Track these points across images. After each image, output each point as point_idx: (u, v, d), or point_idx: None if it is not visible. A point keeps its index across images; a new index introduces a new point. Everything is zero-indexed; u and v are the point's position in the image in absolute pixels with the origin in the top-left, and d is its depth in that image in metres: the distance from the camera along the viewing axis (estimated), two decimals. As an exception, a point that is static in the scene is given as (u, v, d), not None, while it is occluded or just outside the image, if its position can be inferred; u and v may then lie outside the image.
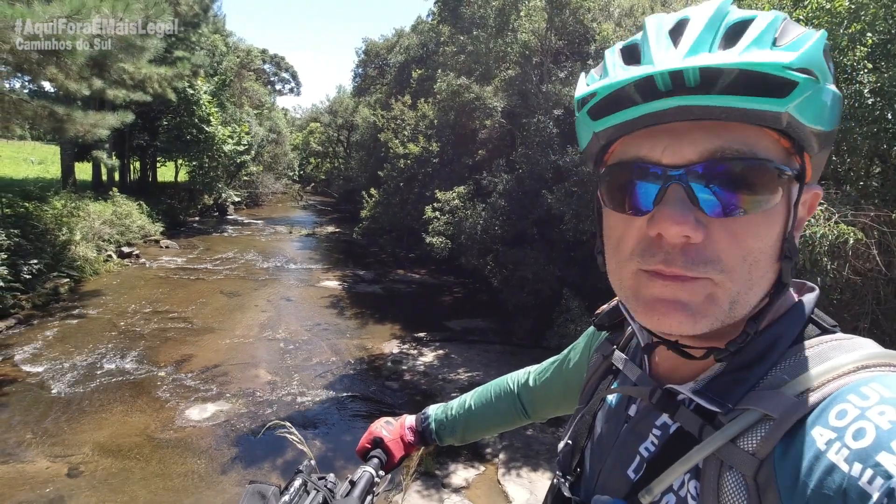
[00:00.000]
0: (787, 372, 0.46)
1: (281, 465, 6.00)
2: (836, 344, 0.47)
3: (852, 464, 0.37)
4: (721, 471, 0.45)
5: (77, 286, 11.43)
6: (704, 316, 0.44)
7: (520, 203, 10.46)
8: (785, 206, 0.45)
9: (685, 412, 0.50)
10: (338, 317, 11.22)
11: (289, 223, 22.89)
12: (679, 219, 0.43)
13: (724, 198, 0.43)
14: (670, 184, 0.44)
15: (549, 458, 6.28)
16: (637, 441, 0.57)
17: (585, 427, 0.66)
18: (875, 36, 4.30)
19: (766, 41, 0.42)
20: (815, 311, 0.52)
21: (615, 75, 0.46)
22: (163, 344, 8.98)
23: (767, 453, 0.43)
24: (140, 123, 18.50)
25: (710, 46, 0.43)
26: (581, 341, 0.86)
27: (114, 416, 6.73)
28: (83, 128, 9.44)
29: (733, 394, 0.48)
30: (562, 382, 0.90)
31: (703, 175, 0.43)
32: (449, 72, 13.57)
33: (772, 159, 0.43)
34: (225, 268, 14.31)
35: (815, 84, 0.42)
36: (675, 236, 0.43)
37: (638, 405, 0.60)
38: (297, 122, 45.64)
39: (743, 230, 0.44)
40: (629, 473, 0.56)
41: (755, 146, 0.43)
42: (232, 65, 24.00)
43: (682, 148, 0.44)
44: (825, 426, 0.40)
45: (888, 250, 3.57)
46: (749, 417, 0.45)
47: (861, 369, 0.43)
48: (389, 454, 0.98)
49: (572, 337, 4.85)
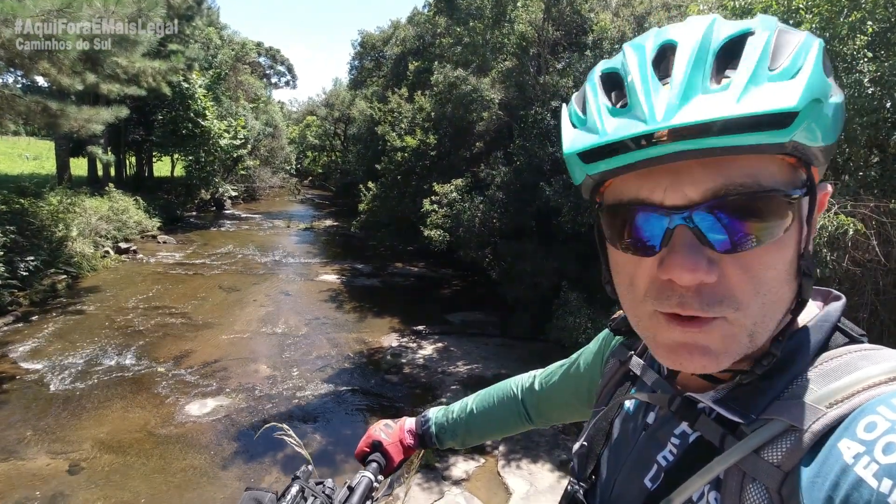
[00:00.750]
0: (813, 382, 0.45)
1: (282, 460, 6.02)
2: (864, 354, 0.45)
3: (881, 479, 0.35)
4: (743, 483, 0.44)
5: (75, 283, 11.41)
6: (726, 354, 0.44)
7: (518, 195, 10.43)
8: (797, 225, 0.43)
9: (706, 421, 0.49)
10: (336, 310, 11.23)
11: (286, 217, 22.83)
12: (691, 265, 0.41)
13: (733, 234, 0.41)
14: (676, 226, 0.42)
15: (548, 449, 6.31)
16: (655, 449, 0.55)
17: (602, 433, 0.65)
18: (875, 24, 4.26)
19: (761, 73, 0.40)
20: (843, 319, 0.50)
21: (606, 127, 0.43)
22: (162, 340, 8.98)
23: (793, 466, 0.41)
24: (135, 118, 18.39)
25: (702, 84, 0.40)
26: (592, 346, 0.84)
27: (114, 412, 6.74)
28: (77, 123, 9.36)
29: (756, 404, 0.46)
30: (571, 387, 0.87)
31: (710, 214, 0.41)
32: (446, 64, 13.47)
33: (779, 187, 0.41)
34: (223, 263, 14.28)
35: (818, 106, 0.40)
36: (689, 282, 0.42)
37: (656, 412, 0.59)
38: (294, 115, 45.35)
39: (755, 262, 0.42)
40: (646, 482, 0.55)
41: (759, 176, 0.41)
42: (227, 58, 23.79)
43: (683, 188, 0.42)
44: (853, 439, 0.39)
45: (887, 241, 3.56)
46: (774, 428, 0.44)
47: (892, 381, 0.41)
48: (388, 458, 0.97)
49: (571, 330, 4.89)
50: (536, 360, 8.78)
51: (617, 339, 0.74)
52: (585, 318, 7.51)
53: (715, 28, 0.43)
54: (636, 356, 0.66)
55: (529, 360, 8.77)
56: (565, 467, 6.01)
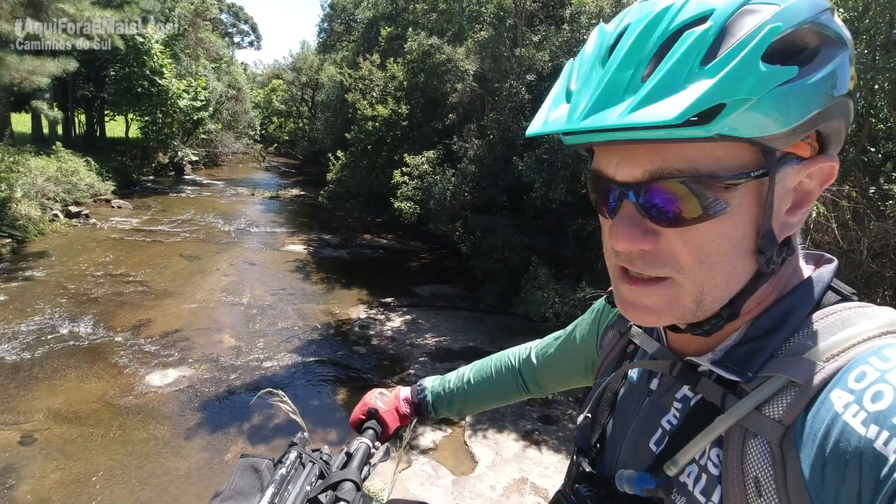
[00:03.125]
0: (809, 338, 0.46)
1: (248, 431, 5.97)
2: (859, 311, 0.47)
3: (868, 426, 0.37)
4: (745, 439, 0.45)
5: (20, 247, 10.76)
6: (668, 315, 0.48)
7: (490, 169, 10.40)
8: (752, 205, 0.44)
9: (707, 383, 0.51)
10: (303, 281, 11.05)
11: (251, 185, 22.05)
12: (626, 236, 0.45)
13: (667, 212, 0.44)
14: (623, 199, 0.46)
15: (514, 420, 6.50)
16: (659, 414, 0.57)
17: (607, 403, 0.66)
18: (845, 12, 4.37)
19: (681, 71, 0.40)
20: (835, 280, 0.52)
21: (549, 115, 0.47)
22: (118, 308, 8.62)
23: (793, 419, 0.43)
24: (85, 73, 17.20)
25: (629, 83, 0.42)
26: (587, 316, 0.85)
27: (68, 382, 6.47)
28: (19, 74, 8.66)
29: (753, 362, 0.47)
30: (567, 358, 0.89)
31: (647, 193, 0.44)
32: (420, 31, 13.09)
33: (718, 173, 0.42)
34: (183, 230, 13.75)
35: (747, 101, 0.39)
36: (625, 250, 0.46)
37: (659, 379, 0.60)
38: (259, 78, 43.38)
39: (695, 236, 0.44)
40: (651, 446, 0.56)
41: (696, 161, 0.42)
42: (185, 12, 22.32)
43: (629, 166, 0.45)
44: (844, 388, 0.40)
45: (844, 224, 3.75)
46: (774, 384, 0.45)
47: (886, 334, 0.43)
48: (384, 425, 0.96)
49: (540, 303, 4.99)
50: (504, 333, 8.94)
51: (615, 311, 0.75)
52: (553, 293, 7.65)
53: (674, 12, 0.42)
54: (635, 326, 0.67)
55: (497, 333, 8.93)
56: (530, 437, 6.21)
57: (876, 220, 3.82)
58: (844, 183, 4.16)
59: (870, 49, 4.16)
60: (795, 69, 0.41)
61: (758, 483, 0.44)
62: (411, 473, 5.43)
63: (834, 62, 0.43)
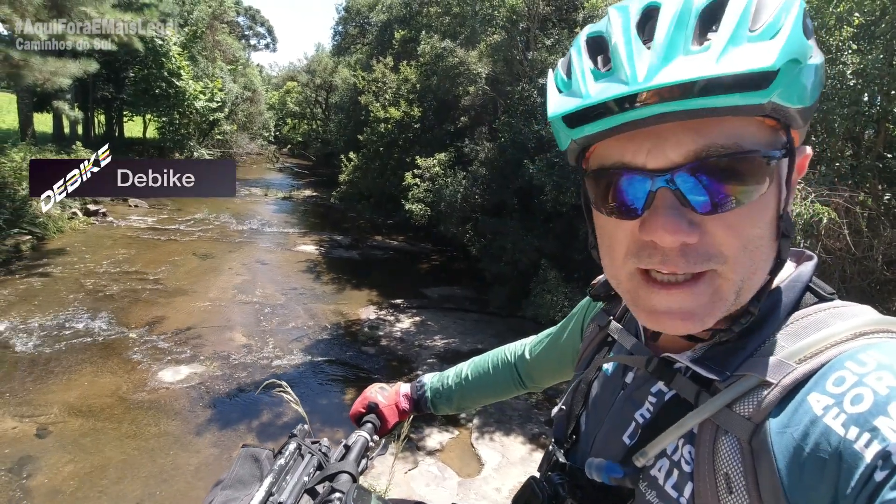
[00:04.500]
0: (784, 339, 0.47)
1: (257, 428, 6.03)
2: (834, 311, 0.47)
3: (849, 427, 0.37)
4: (717, 435, 0.46)
5: (40, 244, 10.99)
6: (710, 315, 0.45)
7: (501, 172, 10.40)
8: (776, 187, 0.45)
9: (681, 379, 0.51)
10: (314, 281, 11.14)
11: (264, 185, 22.28)
12: (672, 227, 0.42)
13: (714, 195, 0.42)
14: (658, 188, 0.43)
15: (521, 423, 6.48)
16: (633, 408, 0.57)
17: (581, 395, 0.67)
18: (862, 17, 4.31)
19: (741, 34, 0.40)
20: (814, 279, 0.52)
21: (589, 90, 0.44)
22: (133, 305, 8.77)
23: (763, 418, 0.43)
24: (105, 74, 17.55)
25: (683, 46, 0.41)
26: (576, 311, 0.86)
27: (83, 376, 6.60)
28: (42, 75, 8.87)
29: (731, 362, 0.48)
30: (556, 353, 0.90)
31: (691, 176, 0.42)
32: (433, 34, 13.15)
33: (758, 148, 0.42)
34: (197, 229, 13.94)
35: (797, 66, 0.41)
36: (671, 244, 0.43)
37: (634, 373, 0.60)
38: (273, 80, 43.85)
39: (739, 221, 0.43)
40: (624, 439, 0.57)
41: (740, 138, 0.42)
42: (203, 15, 22.66)
43: (665, 150, 0.43)
44: (822, 392, 0.41)
45: (858, 231, 3.70)
46: (746, 383, 0.45)
47: (859, 336, 0.43)
48: (383, 420, 0.98)
49: (549, 307, 4.98)
50: (512, 335, 8.83)
51: (597, 305, 0.76)
52: (562, 297, 7.64)
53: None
54: (615, 321, 0.68)
55: (506, 336, 8.88)
56: (537, 440, 6.19)
57: (891, 227, 3.76)
58: (859, 189, 4.10)
59: (886, 54, 4.10)
60: (812, 47, 0.42)
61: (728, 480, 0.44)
62: (417, 474, 5.44)
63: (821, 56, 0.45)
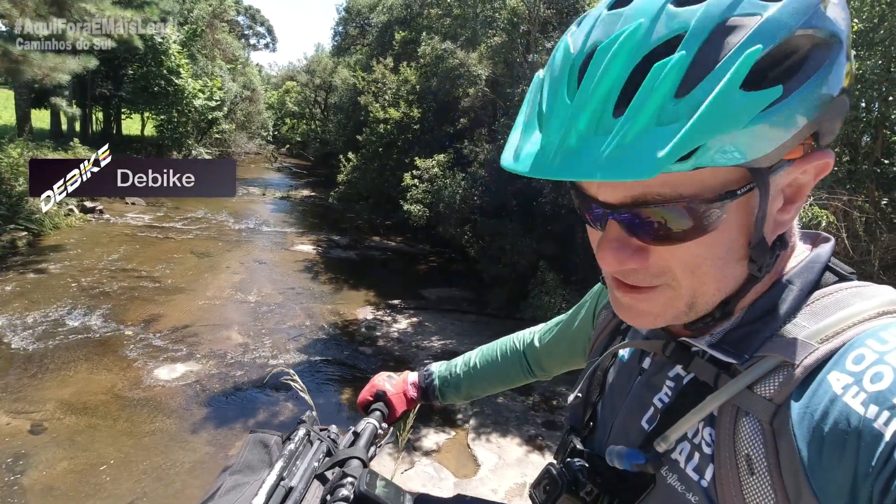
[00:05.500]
0: (805, 319, 0.46)
1: (253, 426, 6.00)
2: (855, 291, 0.47)
3: (868, 406, 0.37)
4: (737, 417, 0.45)
5: (36, 240, 10.94)
6: (664, 317, 0.49)
7: (500, 174, 10.41)
8: (741, 216, 0.43)
9: (700, 363, 0.51)
10: (312, 281, 11.12)
11: (262, 185, 22.25)
12: (615, 257, 0.45)
13: (653, 232, 0.44)
14: (608, 219, 0.46)
15: (518, 424, 6.48)
16: (651, 393, 0.57)
17: (597, 382, 0.66)
18: (861, 23, 4.35)
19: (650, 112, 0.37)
20: (833, 259, 0.52)
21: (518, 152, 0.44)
22: (129, 303, 8.74)
23: (785, 398, 0.43)
24: (104, 71, 17.46)
25: (600, 118, 0.39)
26: (587, 299, 0.86)
27: (78, 373, 6.57)
28: (41, 71, 8.84)
29: (750, 345, 0.47)
30: (567, 341, 0.90)
31: (631, 216, 0.44)
32: (434, 35, 13.18)
33: (703, 194, 0.41)
34: (195, 227, 13.90)
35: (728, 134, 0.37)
36: (614, 270, 0.47)
37: (651, 358, 0.60)
38: (273, 80, 43.77)
39: (683, 251, 0.44)
40: (643, 424, 0.56)
41: (681, 187, 0.41)
42: (203, 13, 22.65)
43: (611, 190, 0.45)
44: (842, 371, 0.40)
45: (855, 235, 3.72)
46: (767, 364, 0.45)
47: (882, 315, 0.43)
48: (391, 408, 0.98)
49: (546, 309, 5.00)
50: (510, 337, 8.92)
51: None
52: (560, 298, 7.65)
53: (643, 32, 0.39)
54: None
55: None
56: (534, 442, 6.19)
57: (888, 231, 3.78)
58: (857, 194, 4.12)
59: (885, 60, 4.14)
60: (780, 89, 0.38)
61: (749, 461, 0.44)
62: (413, 474, 5.43)
63: (825, 66, 0.40)
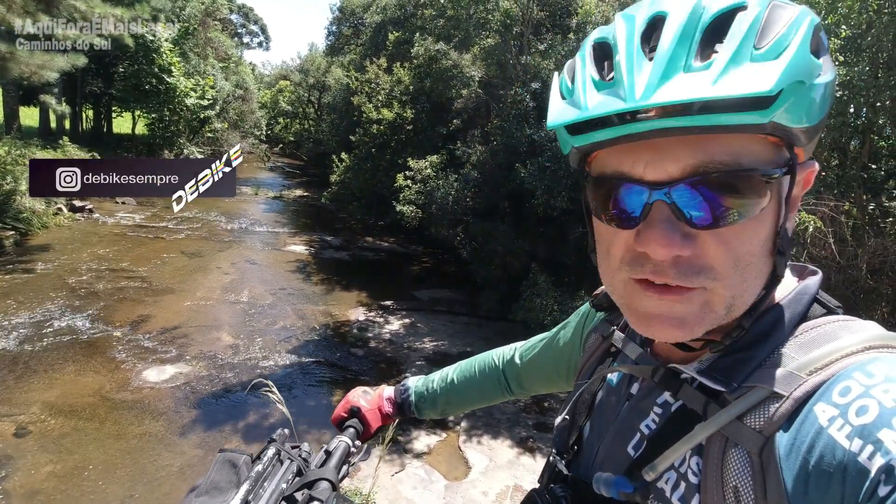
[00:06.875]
0: (794, 350, 0.46)
1: (242, 429, 5.96)
2: (843, 324, 0.47)
3: (853, 440, 0.37)
4: (726, 448, 0.45)
5: (24, 239, 10.81)
6: (700, 325, 0.45)
7: (493, 175, 10.43)
8: (775, 204, 0.44)
9: (689, 390, 0.50)
10: (304, 282, 11.07)
11: (255, 184, 22.14)
12: (665, 240, 0.43)
13: (711, 210, 0.42)
14: (654, 201, 0.43)
15: (509, 427, 6.48)
16: (638, 418, 0.56)
17: (584, 405, 0.66)
18: (849, 29, 4.39)
19: (744, 52, 0.40)
20: (820, 292, 0.52)
21: (588, 102, 0.44)
22: (118, 303, 8.65)
23: (774, 430, 0.42)
24: (94, 69, 17.33)
25: (685, 62, 0.40)
26: (573, 319, 0.84)
27: (65, 375, 6.49)
28: (29, 68, 8.73)
29: (739, 373, 0.47)
30: (550, 360, 0.88)
31: (690, 190, 0.42)
32: (427, 36, 13.16)
33: (758, 167, 0.42)
34: (186, 227, 13.80)
35: (801, 87, 0.40)
36: (664, 257, 0.43)
37: (640, 383, 0.59)
38: (266, 79, 43.57)
39: (733, 237, 0.43)
40: (629, 450, 0.55)
41: (740, 155, 0.42)
42: (196, 11, 22.48)
43: (664, 164, 0.43)
44: (828, 402, 0.40)
45: (842, 240, 3.75)
46: (756, 395, 0.44)
47: (869, 349, 0.43)
48: (366, 424, 0.96)
49: (538, 311, 5.00)
50: (502, 339, 8.92)
51: (599, 315, 0.75)
52: (552, 301, 7.66)
53: (706, 1, 0.42)
54: (618, 331, 0.66)
55: (495, 340, 8.91)
56: (525, 444, 6.19)
57: (875, 236, 3.82)
58: (844, 199, 4.16)
59: (872, 66, 4.18)
60: (821, 66, 0.42)
61: (737, 493, 0.43)
62: (404, 477, 5.41)
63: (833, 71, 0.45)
